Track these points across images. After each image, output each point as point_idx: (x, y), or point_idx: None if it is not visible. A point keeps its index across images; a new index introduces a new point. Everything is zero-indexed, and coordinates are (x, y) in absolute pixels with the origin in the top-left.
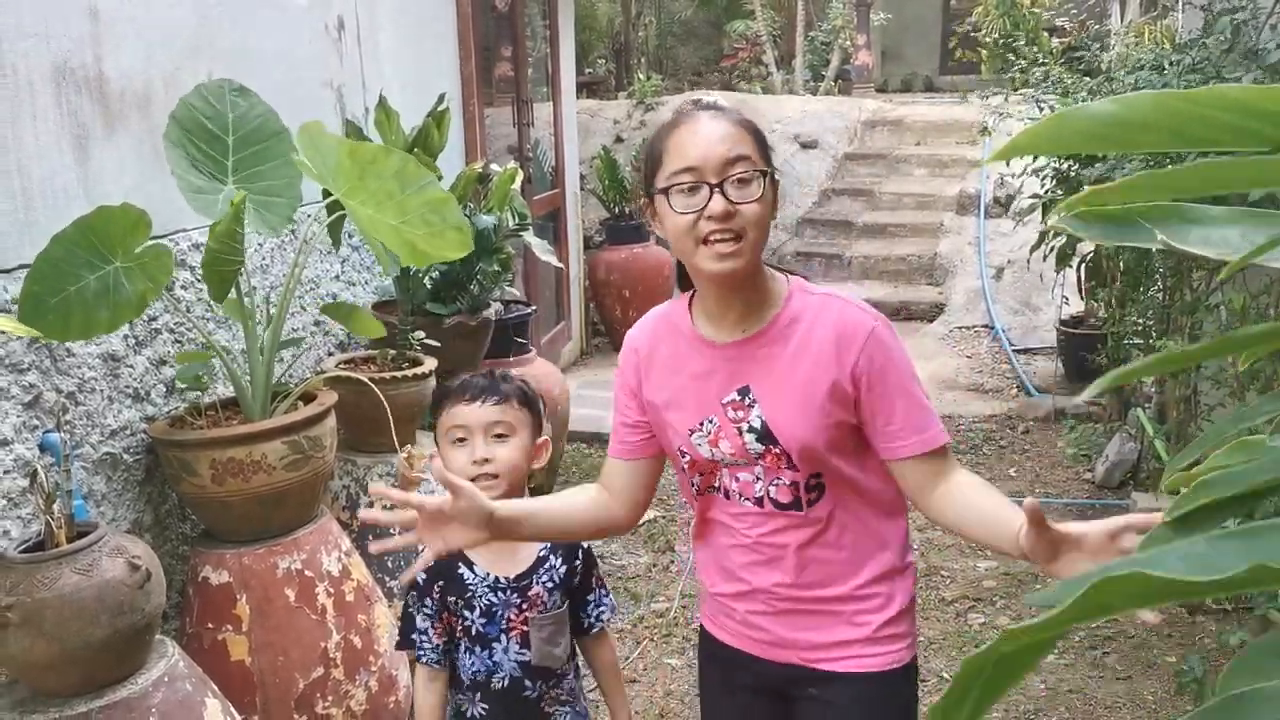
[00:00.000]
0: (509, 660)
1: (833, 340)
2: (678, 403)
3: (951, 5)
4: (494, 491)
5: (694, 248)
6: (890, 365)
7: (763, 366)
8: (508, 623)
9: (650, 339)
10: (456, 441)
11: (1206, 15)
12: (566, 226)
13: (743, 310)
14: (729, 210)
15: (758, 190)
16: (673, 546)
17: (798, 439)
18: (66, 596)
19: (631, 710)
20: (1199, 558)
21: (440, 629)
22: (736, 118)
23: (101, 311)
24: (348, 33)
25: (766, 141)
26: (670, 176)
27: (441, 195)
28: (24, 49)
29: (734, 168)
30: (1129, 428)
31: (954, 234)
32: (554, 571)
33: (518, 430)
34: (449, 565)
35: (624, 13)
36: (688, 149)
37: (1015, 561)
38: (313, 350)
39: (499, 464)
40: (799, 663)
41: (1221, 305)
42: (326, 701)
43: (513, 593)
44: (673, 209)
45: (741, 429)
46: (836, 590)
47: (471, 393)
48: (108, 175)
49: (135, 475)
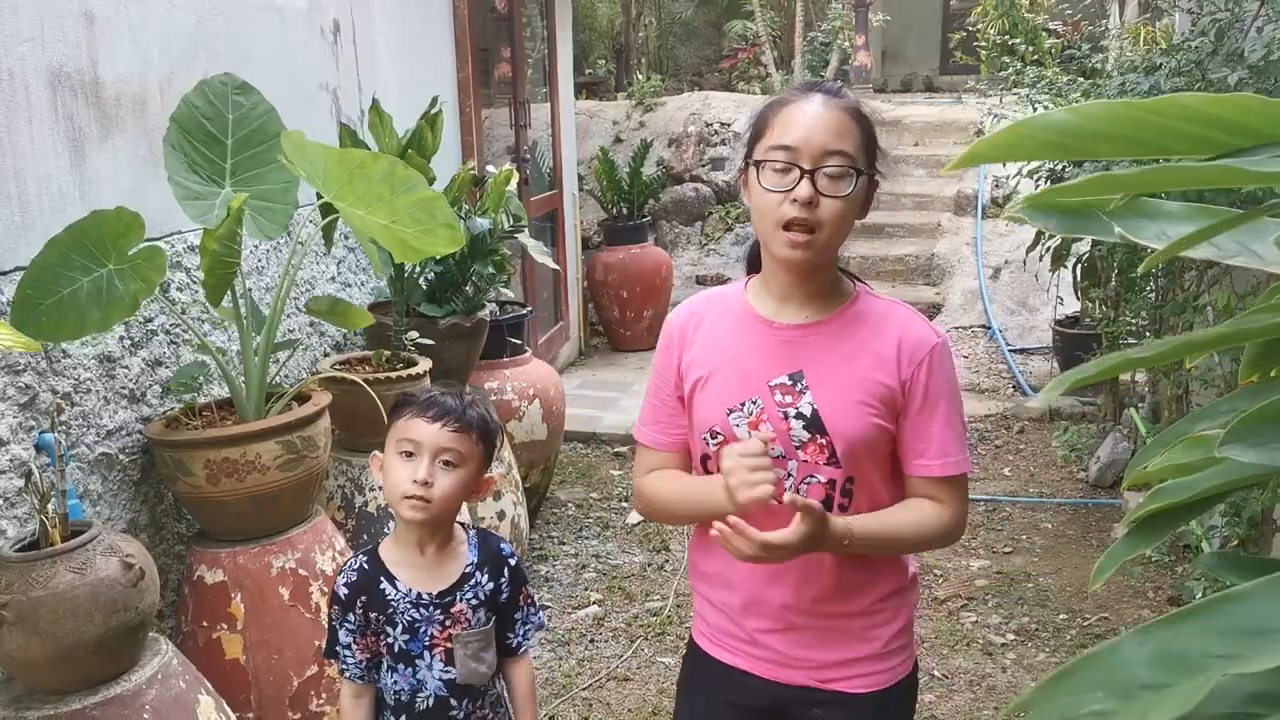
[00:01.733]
0: (433, 678)
1: (895, 346)
2: (719, 378)
3: (951, 6)
4: (416, 514)
5: (772, 229)
6: (942, 385)
7: (820, 355)
8: (431, 639)
9: (695, 313)
10: (404, 454)
11: (1194, 17)
12: (564, 227)
13: (808, 297)
14: (813, 198)
15: (847, 187)
16: (667, 546)
17: (845, 433)
18: (61, 595)
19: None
20: (1163, 655)
21: (364, 644)
22: (850, 108)
23: (93, 312)
24: (344, 36)
25: (875, 138)
26: (767, 151)
27: (430, 194)
28: (20, 53)
29: (830, 159)
30: (1122, 427)
31: (951, 234)
32: (479, 588)
33: (466, 462)
34: (371, 580)
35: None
36: (791, 128)
37: (1008, 561)
38: (308, 351)
39: (437, 491)
40: (811, 684)
41: (1209, 306)
42: (320, 699)
43: (436, 609)
44: (761, 184)
45: (788, 414)
46: (852, 605)
47: (435, 412)
48: (103, 179)
49: (131, 475)
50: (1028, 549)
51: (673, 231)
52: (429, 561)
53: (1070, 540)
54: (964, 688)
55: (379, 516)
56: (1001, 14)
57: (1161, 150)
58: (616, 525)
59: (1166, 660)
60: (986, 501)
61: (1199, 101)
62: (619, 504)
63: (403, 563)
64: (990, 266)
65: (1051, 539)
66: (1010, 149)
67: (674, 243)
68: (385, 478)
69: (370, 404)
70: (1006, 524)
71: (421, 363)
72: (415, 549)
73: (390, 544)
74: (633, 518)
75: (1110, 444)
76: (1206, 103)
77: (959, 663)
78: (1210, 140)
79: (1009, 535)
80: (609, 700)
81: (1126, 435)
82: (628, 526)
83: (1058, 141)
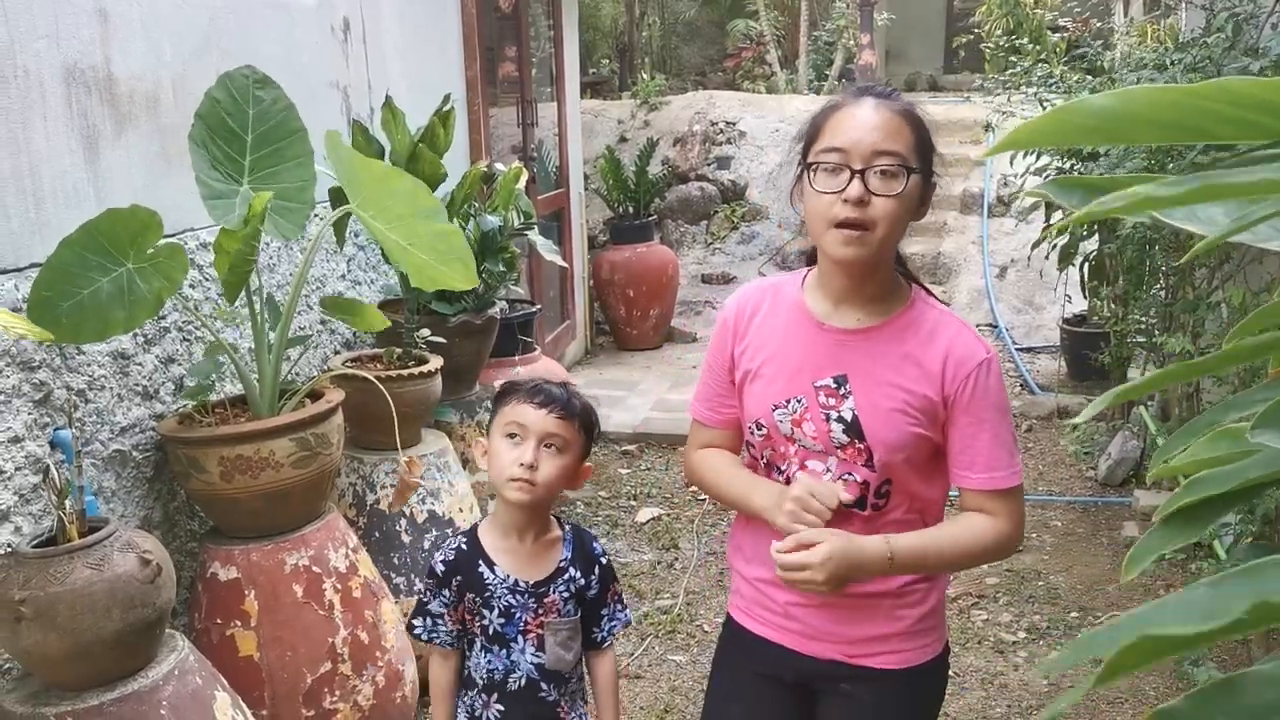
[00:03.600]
0: (525, 661)
1: (942, 358)
2: (768, 373)
3: (955, 5)
4: (523, 496)
5: (824, 229)
6: (988, 399)
7: (867, 361)
8: (525, 625)
9: (752, 301)
10: (510, 436)
11: (1208, 14)
12: (571, 226)
13: (863, 301)
14: (863, 197)
15: (899, 186)
16: (677, 544)
17: (884, 441)
18: (79, 591)
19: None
20: (1200, 606)
21: (455, 616)
22: (902, 109)
23: (117, 312)
24: (353, 34)
25: (930, 140)
26: (819, 153)
27: (449, 229)
28: (35, 50)
29: (881, 159)
30: (1132, 425)
31: (957, 233)
32: (572, 582)
33: (569, 448)
34: (470, 562)
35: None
36: (842, 131)
37: (1018, 559)
38: (319, 348)
39: (541, 475)
40: (840, 658)
41: (1223, 303)
42: (334, 696)
43: (530, 597)
44: (813, 186)
45: (830, 416)
46: (881, 586)
47: (542, 398)
48: (117, 175)
49: (144, 472)
50: (1038, 547)
51: (678, 230)
52: (528, 551)
53: (1080, 538)
54: (976, 685)
55: (390, 514)
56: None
57: (1204, 135)
58: (625, 524)
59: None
60: None
61: (1243, 85)
62: (628, 502)
63: (502, 549)
64: (996, 265)
65: (1061, 537)
66: (1051, 134)
67: (679, 242)
68: (491, 461)
69: (380, 401)
70: None
71: (433, 360)
72: (515, 536)
73: (489, 528)
74: (642, 516)
75: (1120, 442)
76: (1251, 85)
77: (970, 661)
78: (1255, 125)
79: None
80: (620, 698)
81: (1136, 433)
82: (637, 525)
83: (1099, 126)
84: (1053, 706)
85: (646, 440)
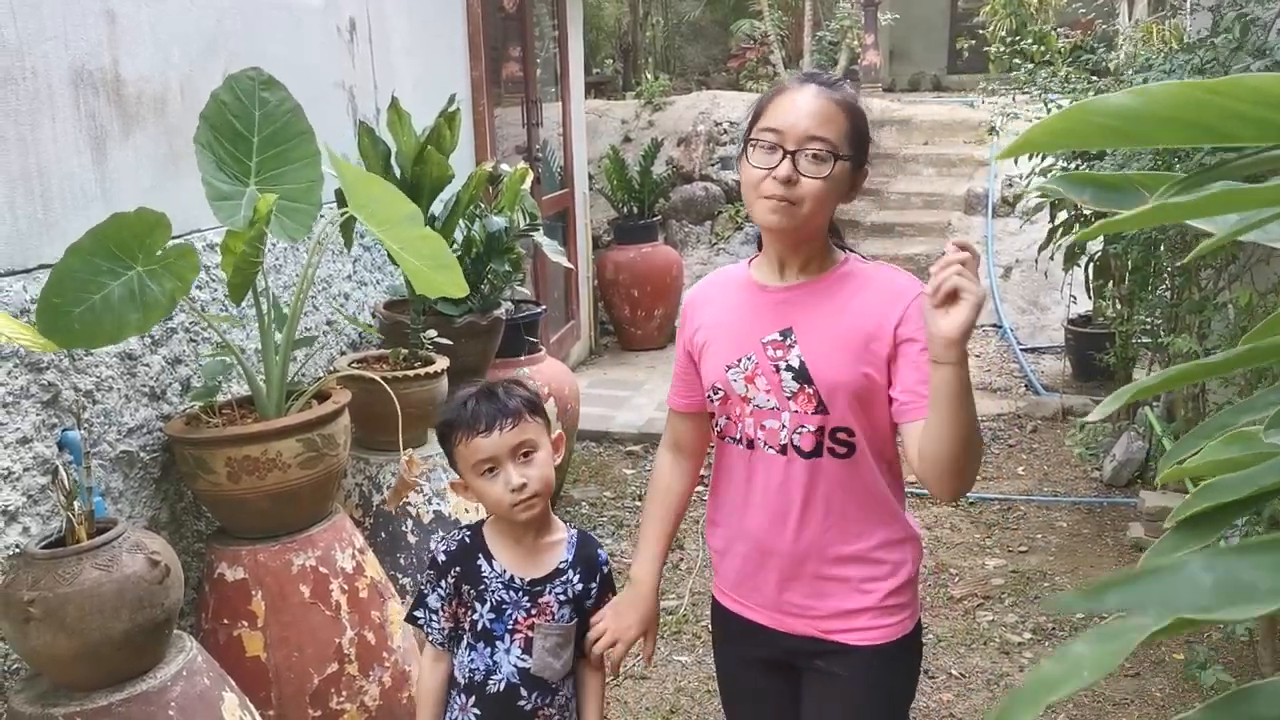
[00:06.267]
0: (509, 663)
1: (880, 297)
2: (719, 340)
3: (959, 5)
4: (535, 510)
5: (754, 200)
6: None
7: (809, 311)
8: (514, 623)
9: (705, 290)
10: (487, 473)
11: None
12: (575, 226)
13: (799, 264)
14: (791, 176)
15: (826, 170)
16: (682, 545)
17: (830, 381)
18: (87, 591)
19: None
20: (1231, 582)
21: (449, 613)
22: (841, 99)
23: (131, 314)
24: (359, 34)
25: (865, 131)
26: (759, 131)
27: (431, 235)
28: (44, 51)
29: (812, 144)
30: (1137, 426)
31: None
32: (569, 585)
33: (540, 443)
34: (470, 554)
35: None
36: (781, 113)
37: (1023, 560)
38: (325, 349)
39: (534, 484)
40: (815, 634)
41: (1229, 304)
42: (340, 697)
43: (524, 595)
44: (749, 161)
45: (779, 366)
46: (849, 549)
47: (485, 422)
48: (125, 176)
49: (152, 473)
50: (1043, 548)
51: (682, 230)
52: (527, 548)
53: (1085, 539)
54: (981, 686)
55: (396, 515)
56: (1009, 13)
57: (1224, 137)
58: (630, 524)
59: (1231, 587)
60: (1001, 500)
61: (1266, 81)
62: (632, 503)
63: (503, 545)
64: (1001, 265)
65: (1066, 538)
66: (1067, 135)
67: (684, 242)
68: (484, 500)
69: (387, 402)
70: (1021, 523)
71: (439, 361)
72: (518, 534)
73: (494, 523)
74: None
75: (1125, 443)
76: (1274, 82)
77: (976, 662)
78: (1272, 124)
79: (1024, 534)
80: (625, 699)
81: (1141, 434)
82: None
83: (1117, 127)
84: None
85: (651, 440)
